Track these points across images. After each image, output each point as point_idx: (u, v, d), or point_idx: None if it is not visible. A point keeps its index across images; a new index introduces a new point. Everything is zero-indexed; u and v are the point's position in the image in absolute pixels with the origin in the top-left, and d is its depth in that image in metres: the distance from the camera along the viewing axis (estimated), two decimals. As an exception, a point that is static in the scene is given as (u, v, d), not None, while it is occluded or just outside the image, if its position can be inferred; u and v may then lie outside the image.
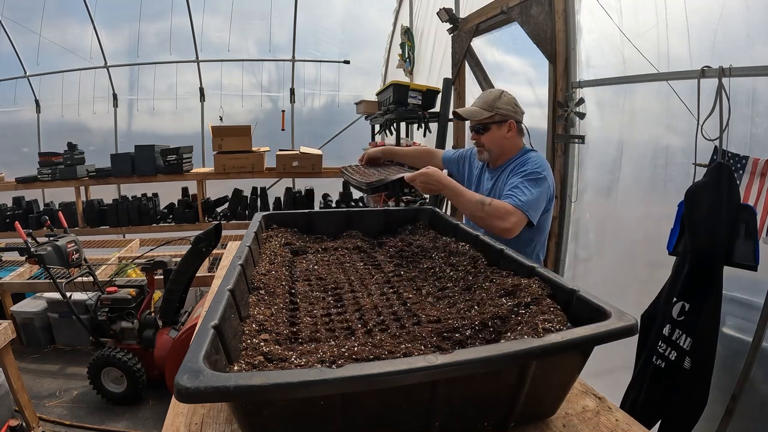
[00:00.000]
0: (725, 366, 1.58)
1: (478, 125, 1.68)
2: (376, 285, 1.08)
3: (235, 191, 4.93)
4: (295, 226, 1.48)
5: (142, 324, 3.02)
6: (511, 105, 1.65)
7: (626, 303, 1.10)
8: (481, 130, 1.67)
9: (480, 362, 0.59)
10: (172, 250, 4.23)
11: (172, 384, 0.53)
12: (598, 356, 0.76)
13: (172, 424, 0.76)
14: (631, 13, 2.01)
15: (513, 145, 1.69)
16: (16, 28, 5.33)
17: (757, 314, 1.51)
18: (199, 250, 2.65)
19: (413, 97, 3.31)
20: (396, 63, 5.08)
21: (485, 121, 1.65)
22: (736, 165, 1.51)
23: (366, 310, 0.93)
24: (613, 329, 0.67)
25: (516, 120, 1.66)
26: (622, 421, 0.75)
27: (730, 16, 1.62)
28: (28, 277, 3.88)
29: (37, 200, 5.03)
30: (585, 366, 0.73)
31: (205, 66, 5.79)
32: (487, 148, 1.69)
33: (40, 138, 5.75)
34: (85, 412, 2.95)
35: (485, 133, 1.67)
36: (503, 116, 1.64)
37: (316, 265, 1.22)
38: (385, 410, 0.61)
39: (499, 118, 1.64)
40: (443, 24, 3.30)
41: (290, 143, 5.86)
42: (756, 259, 1.42)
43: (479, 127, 1.67)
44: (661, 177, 1.96)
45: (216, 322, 0.66)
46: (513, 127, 1.65)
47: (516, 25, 2.58)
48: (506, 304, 0.85)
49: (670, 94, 1.77)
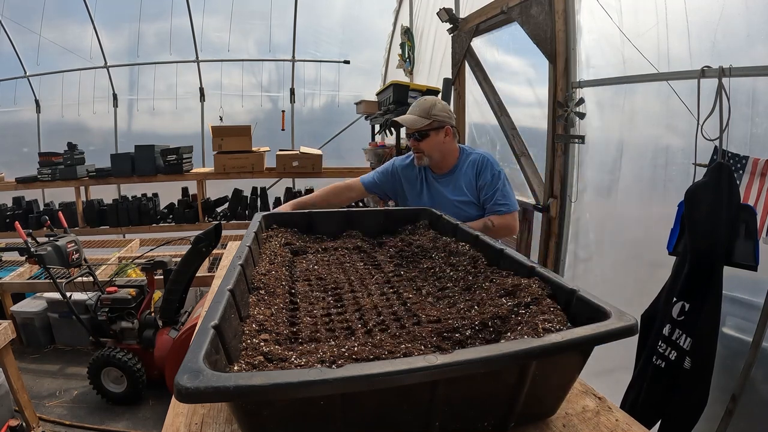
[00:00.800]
0: (725, 366, 1.58)
1: (416, 132, 1.79)
2: (376, 285, 1.08)
3: (235, 191, 4.94)
4: (295, 226, 1.48)
5: (142, 324, 3.02)
6: (446, 112, 1.80)
7: (626, 303, 1.10)
8: (420, 138, 1.80)
9: (480, 362, 0.59)
10: (172, 250, 4.23)
11: (172, 384, 0.53)
12: (598, 356, 0.76)
13: (172, 424, 0.76)
14: (631, 13, 2.01)
15: (451, 149, 1.84)
16: (16, 28, 5.33)
17: (757, 314, 1.51)
18: (199, 250, 2.65)
19: (413, 97, 3.31)
20: (396, 63, 5.08)
21: (424, 128, 1.77)
22: (736, 165, 1.51)
23: (366, 310, 0.92)
24: (613, 329, 0.67)
25: (451, 125, 1.81)
26: (622, 421, 0.75)
27: (730, 16, 1.62)
28: (28, 277, 3.88)
29: (37, 200, 5.03)
30: (585, 366, 0.73)
31: (205, 66, 5.79)
32: (426, 154, 1.81)
33: (40, 138, 5.75)
34: (85, 412, 2.95)
35: (423, 140, 1.79)
36: (440, 122, 1.77)
37: (316, 265, 1.22)
38: (385, 410, 0.61)
39: (436, 124, 1.77)
40: (443, 24, 3.30)
41: (290, 143, 5.86)
42: (756, 259, 1.42)
43: (417, 135, 1.79)
44: (661, 177, 1.96)
45: (216, 322, 0.66)
46: (449, 132, 1.80)
47: (516, 25, 2.58)
48: (506, 304, 0.85)
49: (670, 94, 1.77)
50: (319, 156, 4.84)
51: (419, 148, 1.80)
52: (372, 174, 2.05)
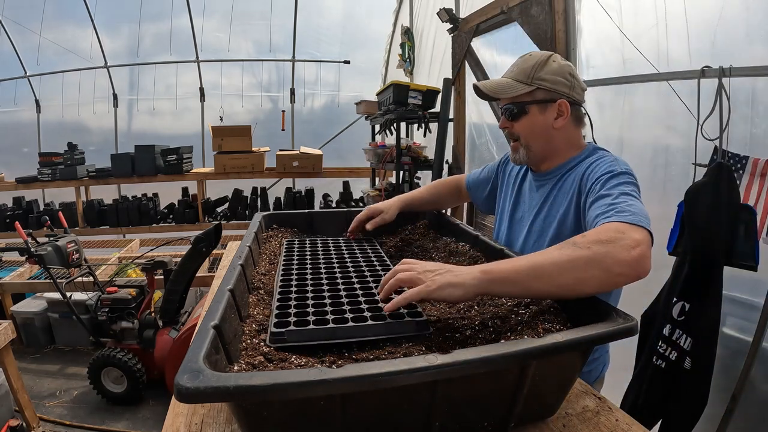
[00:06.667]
0: (725, 366, 1.58)
1: (509, 105, 1.12)
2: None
3: (235, 191, 4.94)
4: (295, 226, 1.48)
5: (142, 324, 3.02)
6: (563, 75, 1.09)
7: (626, 303, 1.10)
8: (515, 113, 1.12)
9: (480, 362, 0.59)
10: (172, 250, 4.23)
11: (172, 384, 0.53)
12: (598, 356, 0.75)
13: (172, 424, 0.76)
14: (631, 14, 2.01)
15: (567, 139, 1.14)
16: (16, 28, 5.33)
17: (757, 314, 1.51)
18: (199, 251, 2.65)
19: (413, 97, 3.31)
20: (396, 63, 5.08)
21: (520, 99, 1.10)
22: (736, 165, 1.51)
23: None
24: (613, 329, 0.67)
25: (570, 100, 1.09)
26: (622, 421, 0.75)
27: (729, 16, 1.62)
28: (28, 277, 3.88)
29: (37, 200, 5.03)
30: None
31: (205, 66, 5.79)
32: (523, 142, 1.14)
33: (40, 138, 5.76)
34: (85, 412, 2.95)
35: (520, 118, 1.12)
36: (549, 92, 1.09)
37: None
38: (385, 410, 0.61)
39: (542, 95, 1.09)
40: (443, 24, 3.30)
41: (290, 143, 5.86)
42: (756, 259, 1.42)
43: (511, 109, 1.12)
44: (660, 177, 1.95)
45: (216, 322, 0.66)
46: (566, 109, 1.10)
47: (516, 25, 2.58)
48: (506, 304, 0.85)
49: (670, 94, 1.77)
50: (319, 156, 4.84)
51: (513, 130, 1.15)
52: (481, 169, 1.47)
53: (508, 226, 1.27)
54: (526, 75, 1.09)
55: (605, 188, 0.93)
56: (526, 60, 1.11)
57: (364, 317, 0.77)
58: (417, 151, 3.60)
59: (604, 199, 0.90)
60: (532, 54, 1.13)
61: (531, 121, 1.11)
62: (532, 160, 1.17)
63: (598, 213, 0.86)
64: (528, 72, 1.08)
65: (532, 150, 1.14)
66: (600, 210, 0.86)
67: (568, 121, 1.11)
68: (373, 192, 4.11)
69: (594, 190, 0.96)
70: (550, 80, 1.08)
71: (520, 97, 1.09)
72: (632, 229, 0.77)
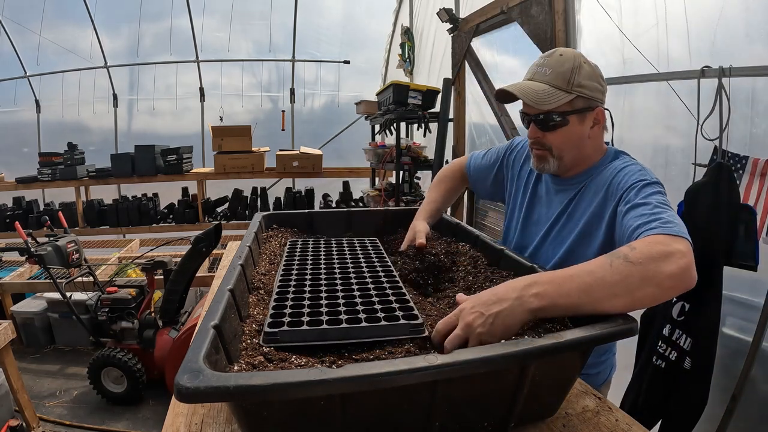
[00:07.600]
0: (725, 366, 1.58)
1: (548, 116, 1.01)
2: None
3: (235, 191, 4.94)
4: (295, 226, 1.48)
5: (142, 324, 3.02)
6: (596, 80, 1.02)
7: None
8: (547, 126, 1.02)
9: (480, 362, 0.59)
10: (172, 250, 4.23)
11: (172, 384, 0.53)
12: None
13: (172, 424, 0.76)
14: (631, 14, 2.01)
15: (596, 146, 1.07)
16: (16, 28, 5.33)
17: (757, 314, 1.51)
18: (199, 251, 2.65)
19: (413, 97, 3.31)
20: (396, 63, 5.08)
21: (561, 108, 1.00)
22: (736, 165, 1.51)
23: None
24: (613, 329, 0.67)
25: (603, 104, 1.05)
26: (622, 421, 0.75)
27: (729, 16, 1.62)
28: (28, 277, 3.88)
29: (37, 200, 5.03)
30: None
31: (205, 66, 5.79)
32: (555, 153, 1.05)
33: (40, 138, 5.76)
34: (85, 412, 2.95)
35: (554, 130, 1.02)
36: (588, 100, 1.00)
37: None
38: (385, 410, 0.61)
39: (581, 103, 1.00)
40: (443, 24, 3.30)
41: (290, 143, 5.86)
42: (756, 259, 1.42)
43: (549, 119, 1.01)
44: (660, 177, 1.93)
45: (216, 322, 0.66)
46: (602, 117, 1.04)
47: (516, 25, 2.58)
48: (506, 304, 0.85)
49: (670, 94, 1.77)
50: (319, 156, 4.84)
51: (545, 142, 1.05)
52: (481, 153, 1.38)
53: (521, 228, 1.22)
54: (565, 81, 0.99)
55: (640, 197, 0.91)
56: (560, 62, 1.00)
57: (359, 319, 0.77)
58: (417, 151, 3.60)
59: (641, 208, 0.88)
60: (561, 53, 1.02)
61: (568, 132, 1.02)
62: (562, 170, 1.09)
63: (640, 223, 0.84)
64: (567, 77, 0.99)
65: (564, 161, 1.06)
66: (642, 220, 0.84)
67: (600, 128, 1.06)
68: (373, 192, 4.12)
69: (628, 198, 0.93)
70: (588, 87, 1.00)
71: (562, 106, 1.00)
72: (677, 241, 0.77)
